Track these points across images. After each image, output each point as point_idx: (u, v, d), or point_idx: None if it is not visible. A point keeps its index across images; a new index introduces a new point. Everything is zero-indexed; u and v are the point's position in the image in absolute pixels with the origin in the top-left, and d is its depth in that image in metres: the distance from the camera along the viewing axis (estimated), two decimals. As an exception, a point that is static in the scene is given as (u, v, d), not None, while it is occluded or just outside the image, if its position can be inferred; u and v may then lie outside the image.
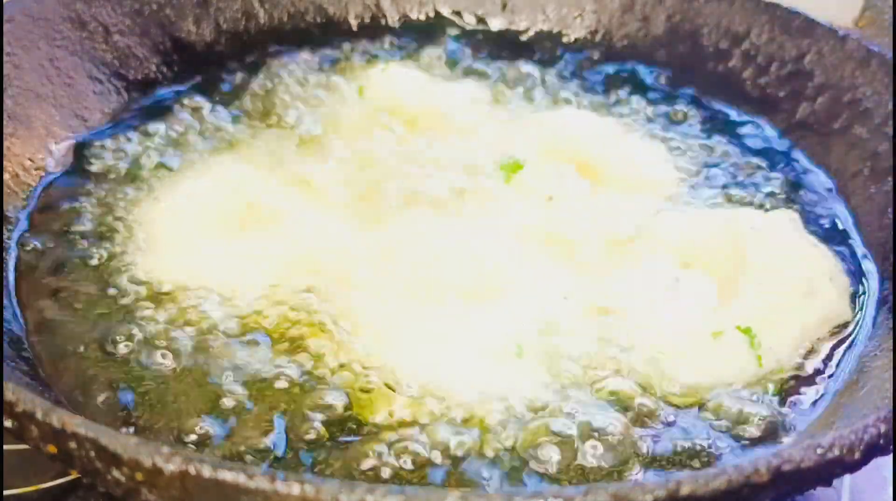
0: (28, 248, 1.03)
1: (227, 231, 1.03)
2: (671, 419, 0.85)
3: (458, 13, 1.53)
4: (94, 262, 1.01)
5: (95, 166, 1.15)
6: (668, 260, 1.02)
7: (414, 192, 1.12)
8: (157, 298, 0.95)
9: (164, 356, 0.89)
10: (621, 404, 0.86)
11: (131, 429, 0.81)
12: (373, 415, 0.83)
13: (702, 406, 0.86)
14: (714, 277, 1.00)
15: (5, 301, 0.94)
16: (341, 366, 0.88)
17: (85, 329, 0.92)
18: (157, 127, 1.24)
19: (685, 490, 0.59)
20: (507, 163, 1.16)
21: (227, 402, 0.84)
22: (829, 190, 1.19)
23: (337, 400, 0.84)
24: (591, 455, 0.81)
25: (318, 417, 0.83)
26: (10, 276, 0.99)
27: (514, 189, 1.13)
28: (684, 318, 0.95)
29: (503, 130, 1.25)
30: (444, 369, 0.87)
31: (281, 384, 0.86)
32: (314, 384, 0.86)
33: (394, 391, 0.85)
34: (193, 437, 0.81)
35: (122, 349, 0.90)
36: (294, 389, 0.86)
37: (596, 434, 0.82)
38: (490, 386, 0.86)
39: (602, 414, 0.83)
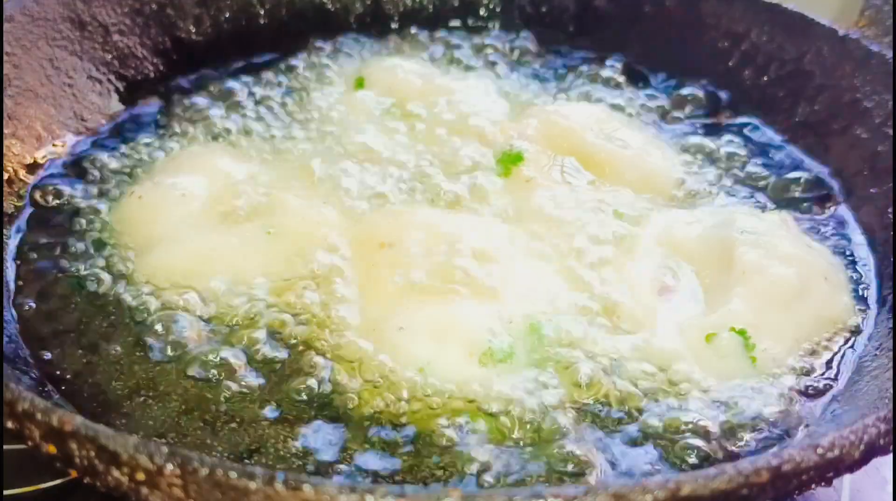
0: (27, 247, 1.03)
1: (225, 227, 1.03)
2: (665, 420, 0.85)
3: (458, 8, 1.53)
4: (93, 261, 1.01)
5: (95, 166, 1.15)
6: (664, 259, 1.02)
7: (412, 184, 1.12)
8: (155, 295, 0.95)
9: (162, 353, 0.89)
10: (615, 405, 0.86)
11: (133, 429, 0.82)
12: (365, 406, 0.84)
13: (697, 409, 0.86)
14: (709, 277, 1.00)
15: (4, 301, 0.94)
16: (340, 358, 0.89)
17: (84, 328, 0.93)
18: (156, 126, 1.24)
19: (685, 491, 0.59)
20: (507, 154, 1.16)
21: (227, 401, 0.85)
22: (829, 190, 1.19)
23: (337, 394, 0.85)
24: (584, 452, 0.81)
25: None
26: (10, 275, 0.99)
27: (513, 181, 1.13)
28: (678, 319, 0.95)
29: (505, 122, 1.25)
30: (435, 362, 0.87)
31: (280, 377, 0.87)
32: (314, 381, 0.87)
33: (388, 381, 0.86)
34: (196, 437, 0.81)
35: (122, 347, 0.90)
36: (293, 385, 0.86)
37: (589, 432, 0.83)
38: (483, 383, 0.86)
39: (595, 414, 0.84)
